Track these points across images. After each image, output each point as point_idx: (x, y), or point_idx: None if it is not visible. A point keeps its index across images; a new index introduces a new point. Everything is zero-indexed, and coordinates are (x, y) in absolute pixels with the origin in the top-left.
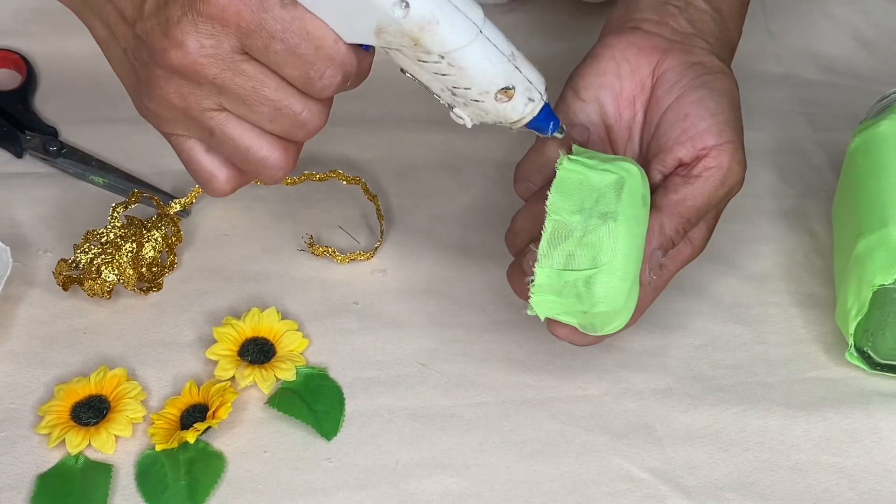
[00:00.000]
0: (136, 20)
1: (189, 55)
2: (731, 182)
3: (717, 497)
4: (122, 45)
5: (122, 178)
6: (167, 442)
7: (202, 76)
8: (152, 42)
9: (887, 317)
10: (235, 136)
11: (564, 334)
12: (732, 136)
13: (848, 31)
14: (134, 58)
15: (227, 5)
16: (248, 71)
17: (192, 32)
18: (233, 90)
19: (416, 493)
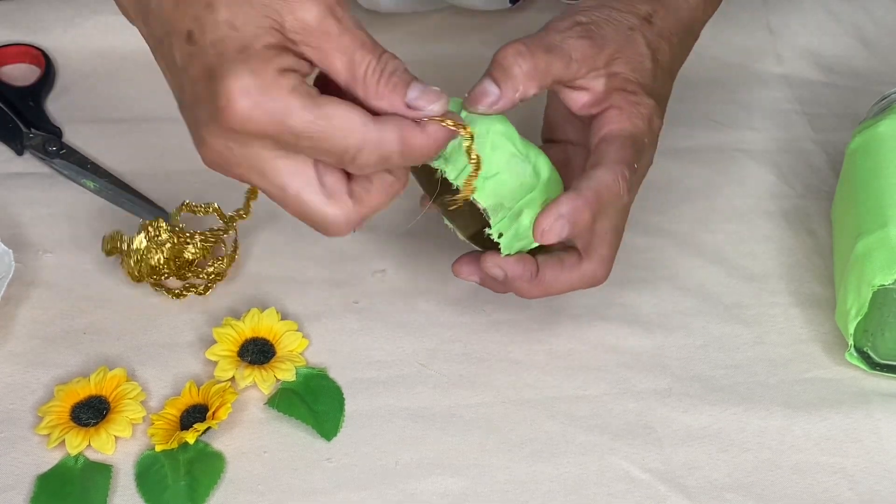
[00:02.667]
0: (179, 104)
1: (218, 157)
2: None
3: (716, 497)
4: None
5: (113, 183)
6: (167, 442)
7: (234, 172)
8: (192, 131)
9: (887, 317)
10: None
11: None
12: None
13: (849, 29)
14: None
15: (248, 120)
16: (273, 163)
17: (218, 137)
18: (260, 183)
19: (416, 493)
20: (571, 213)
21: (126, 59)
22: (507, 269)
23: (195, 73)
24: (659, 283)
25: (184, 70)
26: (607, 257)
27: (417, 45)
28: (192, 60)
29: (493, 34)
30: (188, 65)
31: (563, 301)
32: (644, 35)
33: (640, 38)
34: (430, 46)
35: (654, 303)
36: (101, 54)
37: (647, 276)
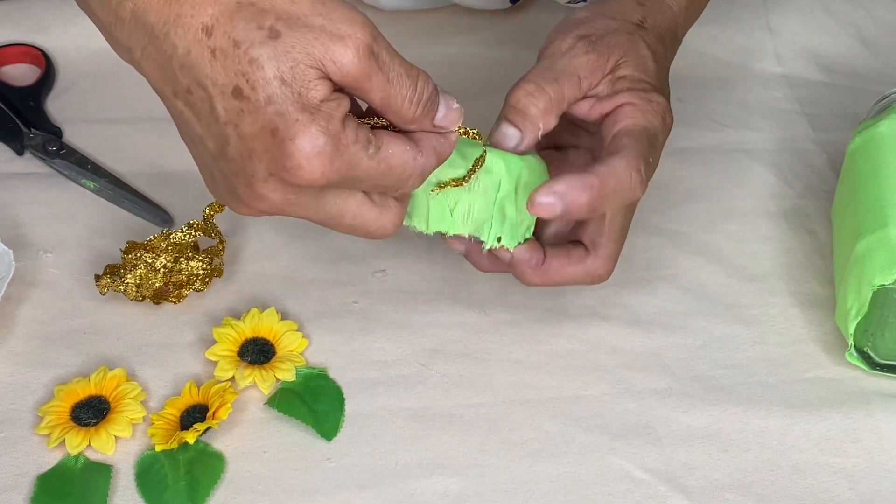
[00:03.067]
0: (218, 157)
1: (274, 206)
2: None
3: (717, 497)
4: (203, 158)
5: (113, 183)
6: (167, 442)
7: (287, 214)
8: (237, 185)
9: (887, 317)
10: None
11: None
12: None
13: (849, 29)
14: (218, 175)
15: (320, 178)
16: (330, 202)
17: (277, 191)
18: (315, 220)
19: (416, 493)
20: (566, 191)
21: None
22: (514, 252)
23: (249, 130)
24: (659, 283)
25: (229, 125)
26: (612, 255)
27: (418, 44)
28: (242, 116)
29: (494, 33)
30: (238, 121)
31: (563, 301)
32: (643, 38)
33: (641, 41)
34: (431, 45)
35: (654, 303)
36: (101, 54)
37: (647, 276)
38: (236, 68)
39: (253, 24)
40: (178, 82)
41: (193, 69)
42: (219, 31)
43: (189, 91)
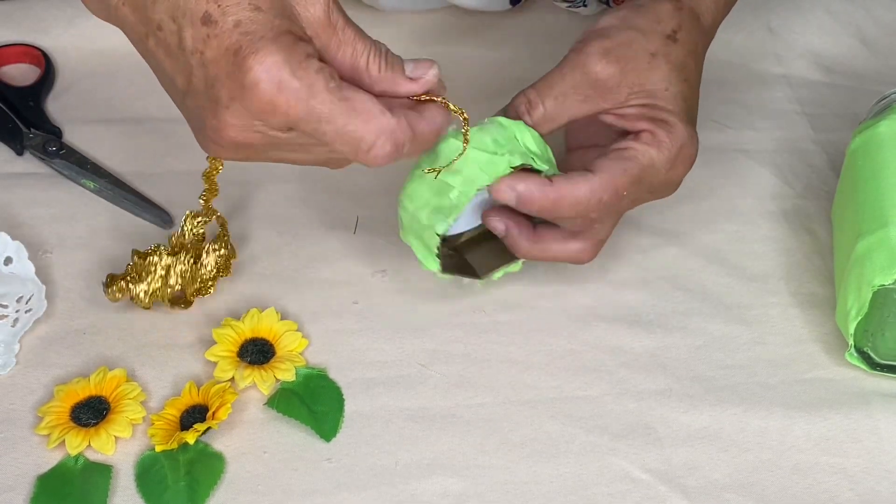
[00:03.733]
0: (185, 93)
1: (239, 134)
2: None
3: (717, 497)
4: (178, 100)
5: (113, 183)
6: (167, 443)
7: (253, 146)
8: (203, 116)
9: (887, 317)
10: (305, 161)
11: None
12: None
13: (849, 29)
14: (189, 114)
15: (276, 97)
16: (298, 139)
17: (241, 117)
18: (285, 149)
19: (416, 494)
20: (523, 192)
21: (126, 59)
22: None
23: (213, 55)
24: (659, 283)
25: (195, 53)
26: (598, 243)
27: (418, 45)
28: (208, 42)
29: (493, 35)
30: (204, 47)
31: (564, 301)
32: (668, 58)
33: (663, 62)
34: (431, 46)
35: (654, 303)
36: (101, 54)
37: (647, 276)
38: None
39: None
40: (151, 19)
41: (167, 2)
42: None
43: (159, 27)
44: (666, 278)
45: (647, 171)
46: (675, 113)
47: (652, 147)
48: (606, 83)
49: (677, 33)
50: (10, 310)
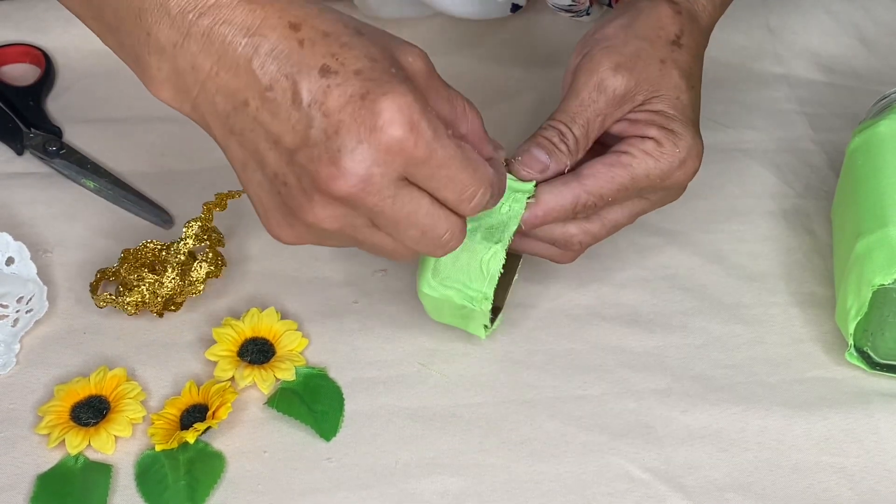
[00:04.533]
0: (297, 149)
1: (357, 184)
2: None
3: (716, 497)
4: (271, 169)
5: (113, 183)
6: (167, 442)
7: (363, 203)
8: (317, 169)
9: (887, 317)
10: (382, 245)
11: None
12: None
13: (849, 29)
14: (283, 183)
15: (407, 137)
16: (406, 196)
17: (365, 161)
18: (388, 215)
19: (416, 493)
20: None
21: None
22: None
23: (336, 104)
24: (659, 283)
25: (314, 105)
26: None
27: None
28: (329, 93)
29: (495, 42)
30: (324, 98)
31: (564, 301)
32: (676, 64)
33: (673, 68)
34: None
35: (654, 303)
36: (101, 54)
37: (647, 276)
38: (325, 51)
39: (339, 24)
40: (258, 82)
41: (278, 60)
42: (307, 26)
43: (269, 87)
44: (666, 278)
45: (639, 181)
46: (684, 122)
47: (651, 157)
48: (623, 97)
49: (680, 38)
50: (10, 310)
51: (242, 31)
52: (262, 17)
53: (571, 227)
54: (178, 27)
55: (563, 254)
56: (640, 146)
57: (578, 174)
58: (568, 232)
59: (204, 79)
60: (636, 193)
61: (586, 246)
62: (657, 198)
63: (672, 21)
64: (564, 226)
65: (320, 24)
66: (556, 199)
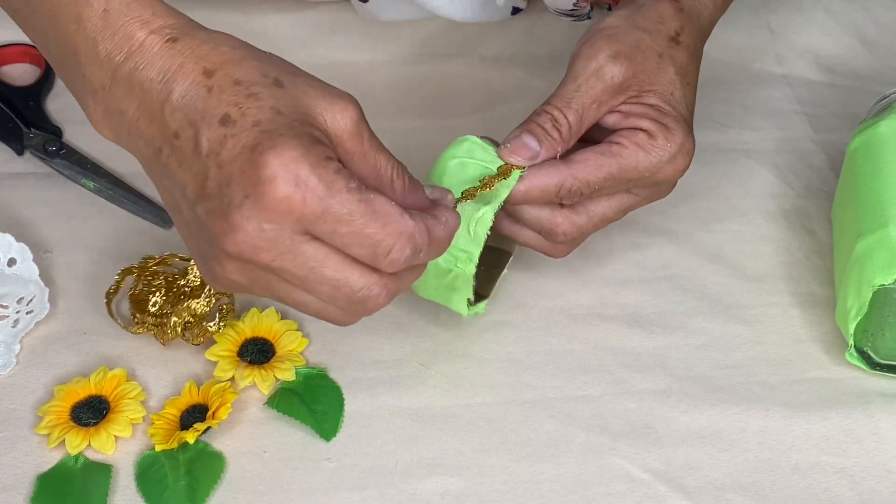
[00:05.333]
0: (196, 200)
1: (248, 240)
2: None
3: (717, 497)
4: (184, 218)
5: (113, 183)
6: (167, 442)
7: (260, 261)
8: (212, 224)
9: (887, 317)
10: (305, 302)
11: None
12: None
13: (849, 29)
14: (196, 232)
15: (293, 194)
16: (309, 252)
17: (252, 218)
18: (292, 271)
19: (416, 493)
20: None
21: None
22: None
23: (228, 155)
24: (659, 283)
25: (210, 155)
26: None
27: (418, 56)
28: (225, 142)
29: (494, 44)
30: (219, 149)
31: (563, 301)
32: (673, 60)
33: (670, 63)
34: (431, 57)
35: (654, 303)
36: None
37: (647, 276)
38: (230, 100)
39: (258, 72)
40: (167, 129)
41: (185, 108)
42: (220, 73)
43: (176, 135)
44: (666, 278)
45: (627, 171)
46: (677, 118)
47: (642, 149)
48: (620, 86)
49: (680, 35)
50: (10, 310)
51: (160, 75)
52: (179, 62)
53: (558, 216)
54: (105, 70)
55: (553, 246)
56: (632, 138)
57: (568, 160)
58: (554, 220)
59: (129, 123)
60: (624, 185)
61: (572, 238)
62: (646, 193)
63: (673, 17)
64: (552, 213)
65: (235, 71)
66: (541, 179)
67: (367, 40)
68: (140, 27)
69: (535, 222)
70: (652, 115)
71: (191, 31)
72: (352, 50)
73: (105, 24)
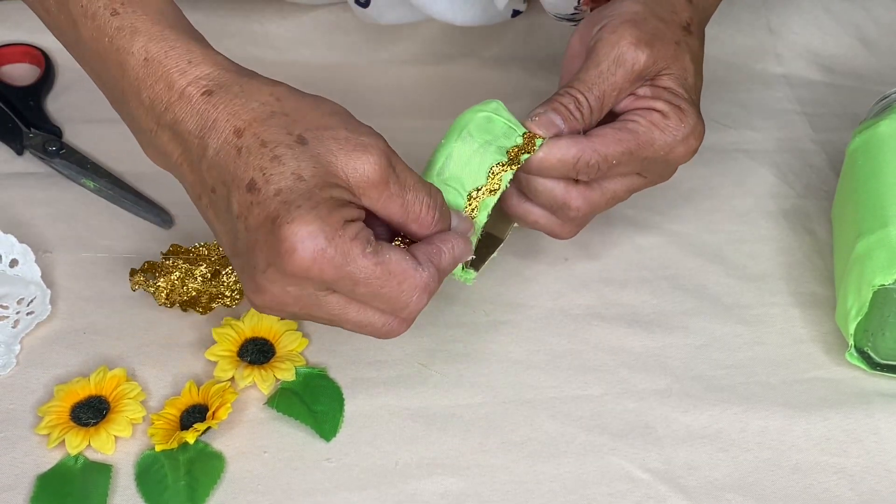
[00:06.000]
0: (231, 253)
1: (274, 298)
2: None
3: (717, 497)
4: (230, 259)
5: (113, 183)
6: (167, 442)
7: (287, 311)
8: (243, 280)
9: (887, 317)
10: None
11: None
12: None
13: (849, 29)
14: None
15: (311, 266)
16: (332, 302)
17: (276, 282)
18: (318, 316)
19: (416, 493)
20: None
21: None
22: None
23: (254, 222)
24: (659, 283)
25: (240, 218)
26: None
27: (419, 58)
28: (251, 209)
29: (495, 45)
30: (247, 214)
31: (563, 301)
32: (689, 48)
33: (686, 50)
34: (432, 59)
35: (654, 303)
36: None
37: (647, 276)
38: (257, 164)
39: (283, 130)
40: (205, 182)
41: (219, 167)
42: (249, 133)
43: (213, 189)
44: (666, 278)
45: (644, 148)
46: (689, 102)
47: (657, 128)
48: (640, 73)
49: (690, 25)
50: (10, 311)
51: (196, 129)
52: (214, 118)
53: (572, 191)
54: (150, 116)
55: (561, 225)
56: (647, 117)
57: (587, 134)
58: (568, 195)
59: (174, 165)
60: (638, 163)
61: (583, 215)
62: (653, 175)
63: (684, 7)
64: (566, 187)
65: (262, 131)
66: (561, 150)
67: (368, 42)
68: (179, 77)
69: (548, 195)
70: (665, 97)
71: (226, 82)
72: (352, 51)
73: (146, 72)
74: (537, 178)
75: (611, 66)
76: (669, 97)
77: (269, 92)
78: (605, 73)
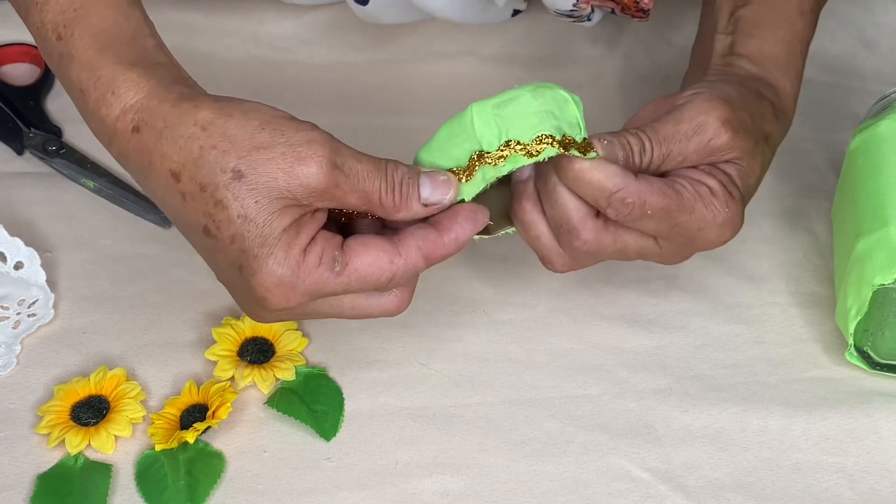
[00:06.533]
0: (216, 274)
1: (268, 319)
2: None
3: (716, 497)
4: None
5: (113, 183)
6: (167, 442)
7: (287, 320)
8: (234, 298)
9: (887, 317)
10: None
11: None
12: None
13: (849, 29)
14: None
15: (287, 303)
16: (324, 304)
17: (262, 313)
18: (318, 315)
19: (416, 493)
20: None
21: None
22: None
23: (223, 263)
24: (659, 283)
25: (210, 257)
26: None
27: (419, 57)
28: (215, 254)
29: (496, 44)
30: (212, 257)
31: (563, 301)
32: (763, 154)
33: (760, 154)
34: (433, 57)
35: (654, 303)
36: None
37: (647, 276)
38: (203, 209)
39: (216, 168)
40: (179, 225)
41: (172, 211)
42: (185, 177)
43: (186, 229)
44: (666, 278)
45: (682, 212)
46: (742, 198)
47: (702, 200)
48: (714, 151)
49: (770, 137)
50: (10, 311)
51: (139, 168)
52: (148, 158)
53: (589, 222)
54: (105, 145)
55: (560, 254)
56: (696, 187)
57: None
58: (585, 223)
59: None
60: (668, 227)
61: (585, 253)
62: (670, 249)
63: (771, 120)
64: (585, 215)
65: (196, 173)
66: (608, 172)
67: (368, 40)
68: (106, 112)
69: (564, 212)
70: (721, 179)
71: (151, 115)
72: (352, 50)
73: (83, 105)
74: (565, 189)
75: (690, 130)
76: (725, 181)
77: (193, 121)
78: (681, 135)
